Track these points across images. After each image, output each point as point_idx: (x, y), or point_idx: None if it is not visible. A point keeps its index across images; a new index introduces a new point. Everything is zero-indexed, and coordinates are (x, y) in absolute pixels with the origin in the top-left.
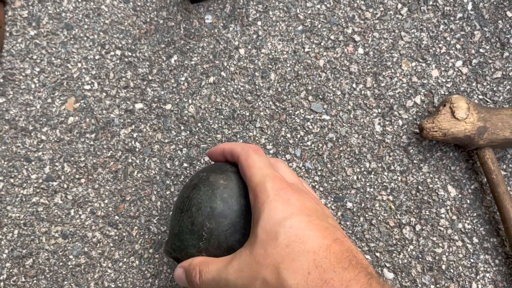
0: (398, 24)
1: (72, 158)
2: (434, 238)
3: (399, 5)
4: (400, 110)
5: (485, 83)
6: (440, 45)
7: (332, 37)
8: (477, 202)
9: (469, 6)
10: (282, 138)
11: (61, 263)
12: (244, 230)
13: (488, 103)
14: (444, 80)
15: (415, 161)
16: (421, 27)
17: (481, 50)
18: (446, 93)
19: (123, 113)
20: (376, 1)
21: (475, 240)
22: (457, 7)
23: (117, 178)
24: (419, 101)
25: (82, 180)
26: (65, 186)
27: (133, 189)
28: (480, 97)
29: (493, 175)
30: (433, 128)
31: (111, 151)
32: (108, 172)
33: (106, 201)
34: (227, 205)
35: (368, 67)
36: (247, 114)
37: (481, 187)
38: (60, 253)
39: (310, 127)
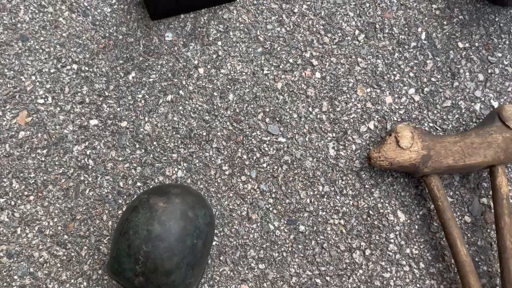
0: (355, 50)
1: (22, 174)
2: (383, 263)
3: (357, 31)
4: (354, 135)
5: (435, 111)
6: (395, 73)
7: (290, 60)
8: (425, 228)
9: (423, 36)
10: (238, 159)
11: (5, 284)
12: (182, 254)
13: (438, 130)
14: (397, 107)
15: (367, 186)
16: (377, 54)
17: (432, 79)
18: (399, 120)
19: (77, 129)
20: (335, 27)
21: (422, 265)
22: (411, 36)
23: (68, 196)
24: (372, 126)
25: (31, 197)
26: (13, 203)
27: (84, 207)
28: (431, 124)
29: (439, 201)
30: (379, 158)
31: (63, 168)
32: (59, 189)
33: (55, 220)
34: (164, 228)
35: (325, 91)
36: (204, 134)
37: (429, 213)
38: (4, 273)
39: (266, 149)
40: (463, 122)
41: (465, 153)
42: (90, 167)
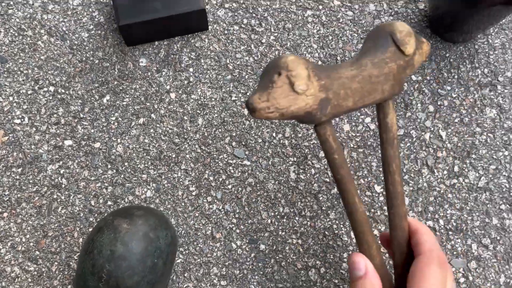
0: None
1: None
2: (336, 281)
3: (320, 63)
4: (313, 160)
5: None
6: None
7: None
8: None
9: None
10: (205, 180)
11: None
12: (143, 273)
13: None
14: (354, 134)
15: (323, 208)
16: None
17: None
18: (355, 147)
19: (51, 149)
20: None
21: None
22: None
23: (41, 213)
24: None
25: (5, 214)
26: None
27: (56, 224)
28: None
29: (335, 154)
30: (268, 109)
31: (36, 186)
32: (32, 207)
33: (27, 236)
34: (127, 248)
35: None
36: (174, 156)
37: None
38: None
39: (232, 171)
40: (414, 150)
41: (364, 91)
42: (63, 185)
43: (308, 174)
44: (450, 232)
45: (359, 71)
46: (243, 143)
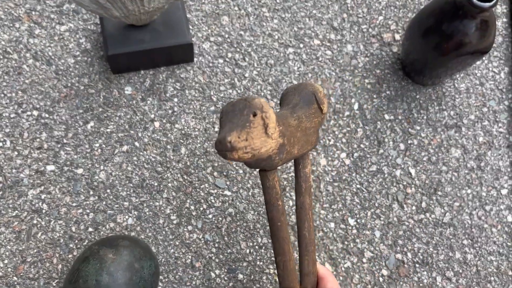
0: None
1: None
2: None
3: None
4: (291, 192)
5: (362, 174)
6: (329, 138)
7: None
8: (348, 279)
9: (356, 106)
10: (186, 209)
11: None
12: None
13: (364, 192)
14: (330, 169)
15: None
16: None
17: (361, 145)
18: (331, 181)
19: (33, 173)
20: (280, 93)
21: None
22: (346, 106)
23: (20, 238)
24: None
25: None
26: None
27: (35, 250)
28: (358, 186)
29: (279, 201)
30: (245, 149)
31: (16, 211)
32: (11, 231)
33: (5, 261)
34: (112, 278)
35: None
36: (156, 184)
37: (352, 265)
38: None
39: (213, 201)
40: (385, 186)
41: (303, 141)
42: (44, 211)
43: (286, 206)
44: (417, 265)
45: (298, 122)
46: (225, 173)
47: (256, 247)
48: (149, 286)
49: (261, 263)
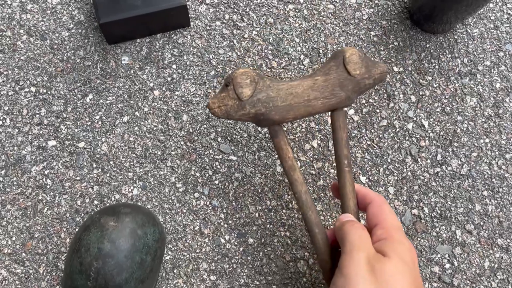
0: (301, 73)
1: None
2: None
3: (302, 56)
4: (299, 153)
5: (372, 130)
6: None
7: None
8: None
9: None
10: (191, 177)
11: None
12: (131, 269)
13: (375, 148)
14: None
15: None
16: None
17: (370, 100)
18: None
19: (35, 150)
20: (282, 52)
21: None
22: None
23: (26, 215)
24: (316, 145)
25: None
26: None
27: (42, 226)
28: (368, 142)
29: (290, 160)
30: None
31: (21, 188)
32: (17, 209)
33: (13, 238)
34: (114, 246)
35: None
36: (159, 153)
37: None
38: None
39: (218, 166)
40: (397, 140)
41: (305, 97)
42: (48, 186)
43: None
44: (435, 220)
45: (310, 81)
46: (229, 138)
47: (265, 210)
48: (153, 252)
49: (271, 226)
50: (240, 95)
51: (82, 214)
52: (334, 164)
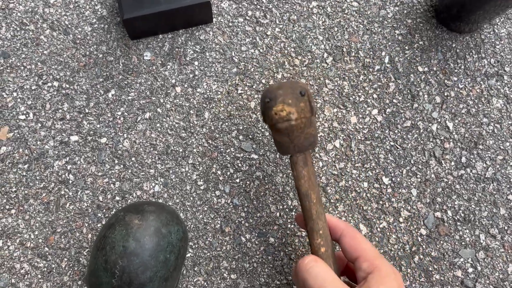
0: (323, 72)
1: (3, 189)
2: None
3: (325, 54)
4: (321, 153)
5: (396, 131)
6: (360, 94)
7: (263, 81)
8: (384, 240)
9: (386, 60)
10: (213, 174)
11: None
12: (155, 268)
13: (398, 149)
14: (361, 126)
15: (332, 200)
16: (343, 76)
17: (394, 100)
18: (363, 139)
19: (57, 144)
20: (305, 50)
21: None
22: (375, 60)
23: (49, 209)
24: (338, 145)
25: (12, 211)
26: None
27: (64, 221)
28: (392, 143)
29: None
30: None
31: (43, 183)
32: (40, 203)
33: (36, 233)
34: (139, 244)
35: None
36: (181, 150)
37: (388, 225)
38: None
39: (240, 165)
40: (421, 142)
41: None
42: (70, 181)
43: (316, 167)
44: (458, 223)
45: None
46: (250, 136)
47: (287, 209)
48: (177, 251)
49: (292, 226)
50: (314, 109)
51: (104, 210)
52: (357, 165)
